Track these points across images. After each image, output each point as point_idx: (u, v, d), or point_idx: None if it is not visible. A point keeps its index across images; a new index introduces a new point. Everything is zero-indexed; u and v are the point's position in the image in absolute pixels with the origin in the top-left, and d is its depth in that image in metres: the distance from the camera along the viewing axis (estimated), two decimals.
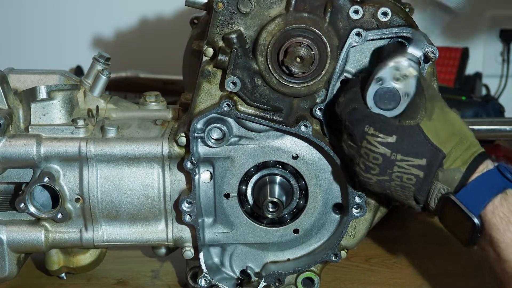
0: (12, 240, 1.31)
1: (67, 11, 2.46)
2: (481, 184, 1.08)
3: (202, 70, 1.24)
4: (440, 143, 1.09)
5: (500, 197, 1.06)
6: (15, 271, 1.34)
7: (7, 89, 1.29)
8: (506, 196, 1.06)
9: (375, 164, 1.10)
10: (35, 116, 1.29)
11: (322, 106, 1.22)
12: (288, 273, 1.32)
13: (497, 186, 1.07)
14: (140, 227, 1.32)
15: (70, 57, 2.33)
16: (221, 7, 1.20)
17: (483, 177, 1.08)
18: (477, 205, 1.06)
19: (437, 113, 1.11)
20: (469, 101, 2.04)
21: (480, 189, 1.07)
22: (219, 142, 1.25)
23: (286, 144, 1.27)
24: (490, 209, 1.06)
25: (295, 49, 1.17)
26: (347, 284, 1.42)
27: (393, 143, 1.09)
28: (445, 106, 1.13)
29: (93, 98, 1.36)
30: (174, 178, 1.29)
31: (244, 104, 1.23)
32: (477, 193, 1.07)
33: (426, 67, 1.20)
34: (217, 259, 1.34)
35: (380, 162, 1.10)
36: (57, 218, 1.29)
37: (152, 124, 1.33)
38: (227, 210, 1.30)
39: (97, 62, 1.36)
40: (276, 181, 1.29)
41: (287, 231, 1.32)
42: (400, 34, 1.19)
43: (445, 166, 1.09)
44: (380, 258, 1.51)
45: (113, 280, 1.44)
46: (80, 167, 1.29)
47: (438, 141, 1.09)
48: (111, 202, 1.30)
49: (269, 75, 1.21)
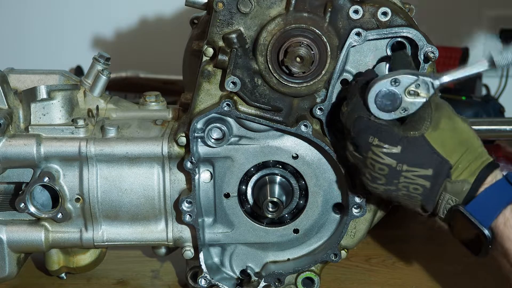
0: (12, 240, 1.31)
1: (67, 11, 2.46)
2: (491, 195, 1.07)
3: (202, 70, 1.24)
4: (447, 153, 1.08)
5: (510, 208, 1.05)
6: (15, 271, 1.34)
7: (7, 89, 1.29)
8: None
9: (381, 175, 1.10)
10: (35, 116, 1.29)
11: (322, 106, 1.22)
12: (288, 273, 1.32)
13: (506, 197, 1.06)
14: (140, 227, 1.32)
15: (70, 57, 2.33)
16: (221, 7, 1.20)
17: (492, 188, 1.07)
18: (488, 217, 1.05)
19: (444, 122, 1.10)
20: (469, 101, 2.04)
21: (490, 200, 1.06)
22: (219, 142, 1.25)
23: (286, 144, 1.27)
24: (502, 220, 1.05)
25: (295, 49, 1.17)
26: (347, 284, 1.42)
27: (398, 153, 1.08)
28: (453, 114, 1.12)
29: (93, 98, 1.36)
30: (174, 178, 1.29)
31: (244, 104, 1.23)
32: (486, 205, 1.06)
33: (426, 67, 1.20)
34: (217, 259, 1.34)
35: (386, 172, 1.09)
36: (57, 218, 1.29)
37: (152, 124, 1.33)
38: (227, 210, 1.30)
39: (97, 62, 1.36)
40: (276, 181, 1.29)
41: (287, 231, 1.32)
42: (400, 34, 1.19)
43: (453, 177, 1.08)
44: (380, 258, 1.51)
45: (113, 280, 1.44)
46: (80, 167, 1.29)
47: (445, 151, 1.08)
48: (111, 202, 1.30)
49: (269, 75, 1.21)
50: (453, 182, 1.08)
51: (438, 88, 1.10)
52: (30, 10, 2.45)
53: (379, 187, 1.12)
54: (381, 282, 1.43)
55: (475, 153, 1.09)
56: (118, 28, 2.46)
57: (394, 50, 1.22)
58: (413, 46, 1.20)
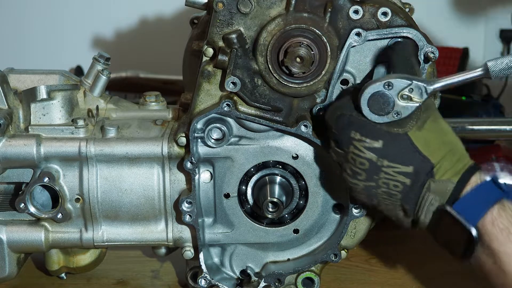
0: (12, 240, 1.31)
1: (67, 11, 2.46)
2: (477, 195, 1.06)
3: (202, 70, 1.24)
4: (429, 153, 1.08)
5: (497, 207, 1.05)
6: (15, 271, 1.34)
7: (7, 89, 1.29)
8: (503, 206, 1.05)
9: (362, 170, 1.10)
10: (35, 116, 1.29)
11: (322, 106, 1.22)
12: (288, 273, 1.32)
13: (493, 197, 1.05)
14: (140, 227, 1.32)
15: (70, 57, 2.33)
16: (221, 7, 1.20)
17: (479, 188, 1.06)
18: (474, 216, 1.05)
19: (429, 124, 1.10)
20: (469, 101, 2.04)
21: (477, 200, 1.06)
22: (219, 142, 1.25)
23: (286, 144, 1.27)
24: (490, 220, 1.04)
25: (295, 49, 1.17)
26: (347, 284, 1.42)
27: (380, 148, 1.08)
28: (438, 117, 1.12)
29: (93, 98, 1.36)
30: (174, 178, 1.29)
31: (244, 104, 1.23)
32: (473, 204, 1.05)
33: (426, 67, 1.20)
34: (217, 259, 1.34)
35: (366, 167, 1.09)
36: (57, 218, 1.29)
37: (152, 124, 1.33)
38: (227, 210, 1.30)
39: (97, 62, 1.36)
40: (276, 181, 1.29)
41: (287, 231, 1.32)
42: (400, 34, 1.19)
43: (437, 176, 1.08)
44: (380, 258, 1.51)
45: (113, 280, 1.44)
46: (80, 167, 1.29)
47: (428, 150, 1.08)
48: (111, 202, 1.30)
49: (269, 75, 1.21)
50: (437, 181, 1.07)
51: (431, 93, 1.10)
52: (30, 10, 2.45)
53: (360, 183, 1.11)
54: (381, 282, 1.43)
55: (458, 154, 1.09)
56: (118, 28, 2.47)
57: None
58: None
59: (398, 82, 1.09)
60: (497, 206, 1.05)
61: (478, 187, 1.06)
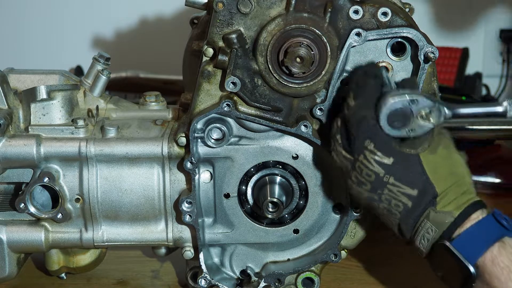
0: (12, 240, 1.31)
1: (67, 11, 2.46)
2: (477, 232, 1.05)
3: (202, 70, 1.24)
4: (436, 180, 1.07)
5: (498, 245, 1.03)
6: (15, 271, 1.34)
7: (7, 89, 1.29)
8: (504, 244, 1.03)
9: (367, 181, 1.09)
10: (35, 116, 1.29)
11: (322, 106, 1.22)
12: (288, 273, 1.32)
13: (494, 234, 1.04)
14: (140, 227, 1.32)
15: (70, 57, 2.33)
16: (221, 7, 1.20)
17: (479, 224, 1.05)
18: (474, 253, 1.03)
19: (442, 150, 1.09)
20: (469, 101, 2.04)
21: (477, 237, 1.04)
22: (219, 142, 1.25)
23: (286, 144, 1.27)
24: (489, 258, 1.03)
25: (295, 49, 1.17)
26: (347, 284, 1.42)
27: (389, 165, 1.07)
28: (451, 146, 1.11)
29: (93, 98, 1.36)
30: (174, 178, 1.29)
31: (244, 104, 1.23)
32: (473, 241, 1.04)
33: (426, 67, 1.20)
34: (217, 259, 1.34)
35: (372, 179, 1.08)
36: (57, 218, 1.29)
37: (152, 124, 1.33)
38: (227, 210, 1.30)
39: (97, 62, 1.36)
40: (276, 181, 1.29)
41: (287, 231, 1.32)
42: (400, 34, 1.19)
43: (438, 207, 1.07)
44: (380, 258, 1.51)
45: (113, 280, 1.44)
46: (80, 167, 1.29)
47: (435, 176, 1.07)
48: (111, 202, 1.30)
49: (269, 75, 1.21)
50: (438, 212, 1.07)
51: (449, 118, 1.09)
52: (30, 10, 2.45)
53: (364, 192, 1.10)
54: (381, 282, 1.43)
55: (464, 187, 1.08)
56: (118, 28, 2.46)
57: (394, 50, 1.22)
58: (413, 46, 1.20)
59: (423, 101, 1.09)
60: (498, 244, 1.03)
61: (479, 223, 1.05)
